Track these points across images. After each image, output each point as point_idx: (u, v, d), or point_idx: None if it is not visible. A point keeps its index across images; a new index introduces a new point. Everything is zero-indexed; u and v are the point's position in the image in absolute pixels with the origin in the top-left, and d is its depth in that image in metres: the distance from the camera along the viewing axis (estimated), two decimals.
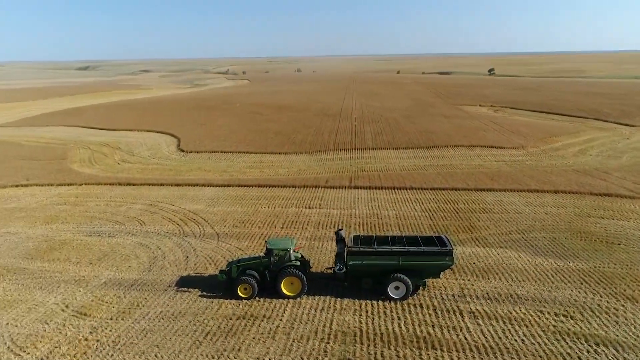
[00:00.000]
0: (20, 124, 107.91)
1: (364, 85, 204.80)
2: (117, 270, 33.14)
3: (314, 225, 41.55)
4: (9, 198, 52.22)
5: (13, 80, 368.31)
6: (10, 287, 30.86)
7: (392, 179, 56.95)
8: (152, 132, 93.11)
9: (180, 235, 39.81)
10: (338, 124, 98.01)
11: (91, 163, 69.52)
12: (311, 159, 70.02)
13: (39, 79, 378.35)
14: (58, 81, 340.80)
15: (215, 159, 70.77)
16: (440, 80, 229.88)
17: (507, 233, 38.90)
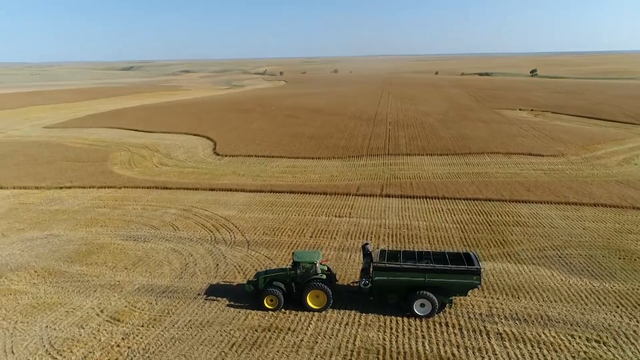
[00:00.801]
0: (67, 125, 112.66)
1: (400, 88, 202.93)
2: (150, 276, 34.27)
3: (342, 235, 41.65)
4: (54, 200, 54.72)
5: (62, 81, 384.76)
6: (51, 289, 32.43)
7: (425, 187, 56.32)
8: (190, 134, 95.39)
9: (211, 242, 40.73)
10: (372, 128, 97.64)
11: (130, 165, 71.88)
12: (344, 164, 70.08)
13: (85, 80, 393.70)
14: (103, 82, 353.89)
15: (250, 163, 71.87)
16: (479, 83, 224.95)
17: (540, 249, 37.85)
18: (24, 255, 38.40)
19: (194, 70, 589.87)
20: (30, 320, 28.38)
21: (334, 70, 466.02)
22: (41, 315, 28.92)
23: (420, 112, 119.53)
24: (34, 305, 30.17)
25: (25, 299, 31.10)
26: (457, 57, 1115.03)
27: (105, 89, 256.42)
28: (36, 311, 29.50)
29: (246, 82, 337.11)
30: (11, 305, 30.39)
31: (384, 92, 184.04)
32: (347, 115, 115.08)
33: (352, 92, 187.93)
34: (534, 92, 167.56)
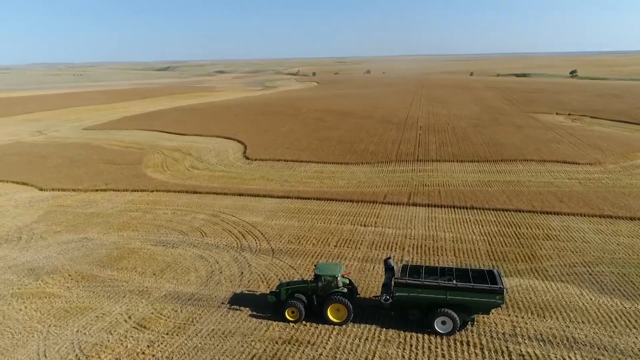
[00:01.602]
0: (104, 127, 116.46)
1: (433, 90, 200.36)
2: (177, 283, 35.17)
3: (367, 246, 41.61)
4: (89, 202, 56.76)
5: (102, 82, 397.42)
6: (83, 294, 33.74)
7: (453, 196, 55.55)
8: (221, 137, 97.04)
9: (237, 249, 41.41)
10: (402, 132, 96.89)
11: (163, 169, 73.74)
12: (372, 170, 69.87)
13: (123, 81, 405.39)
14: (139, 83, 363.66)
15: (278, 168, 72.58)
16: (514, 85, 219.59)
17: (570, 265, 36.81)
18: (59, 258, 40.05)
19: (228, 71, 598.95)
20: (62, 324, 29.63)
21: (366, 71, 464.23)
22: (73, 320, 30.14)
23: (452, 116, 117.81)
24: (67, 310, 31.46)
25: (59, 303, 32.46)
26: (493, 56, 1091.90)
27: (141, 90, 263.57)
28: (68, 315, 30.77)
29: (278, 82, 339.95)
30: (46, 308, 31.80)
31: (416, 94, 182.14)
32: (377, 119, 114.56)
33: (384, 94, 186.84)
34: (571, 95, 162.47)
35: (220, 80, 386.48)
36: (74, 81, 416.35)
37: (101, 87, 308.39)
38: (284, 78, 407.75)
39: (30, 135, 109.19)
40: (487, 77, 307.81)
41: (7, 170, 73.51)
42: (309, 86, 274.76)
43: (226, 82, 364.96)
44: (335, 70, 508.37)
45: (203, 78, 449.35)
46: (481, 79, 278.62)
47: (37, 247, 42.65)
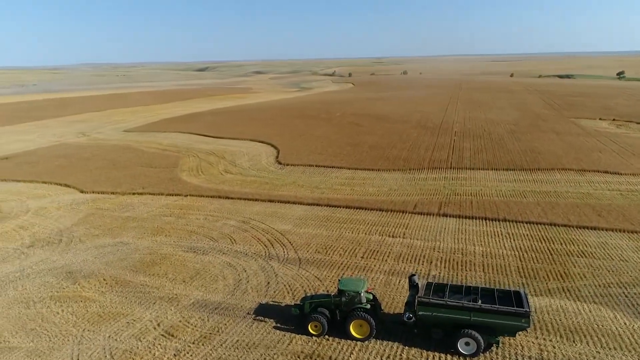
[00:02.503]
0: (144, 129, 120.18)
1: (471, 93, 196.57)
2: (205, 291, 36.05)
3: (394, 258, 41.39)
4: (126, 206, 58.79)
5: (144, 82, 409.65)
6: (116, 299, 35.08)
7: (485, 207, 54.47)
8: (255, 141, 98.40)
9: (265, 258, 42.02)
10: (436, 138, 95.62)
11: (198, 172, 75.49)
12: (403, 177, 69.32)
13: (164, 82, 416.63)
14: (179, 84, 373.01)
15: (310, 173, 73.02)
16: (556, 88, 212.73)
17: (605, 285, 35.50)
18: (95, 262, 41.73)
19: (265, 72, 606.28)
20: (95, 329, 30.93)
21: (403, 72, 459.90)
22: (105, 325, 31.41)
23: (489, 121, 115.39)
24: (100, 314, 32.81)
25: (94, 307, 33.88)
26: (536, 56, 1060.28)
27: (180, 91, 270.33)
28: (102, 320, 32.09)
29: (314, 84, 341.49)
30: (81, 312, 33.26)
31: (453, 97, 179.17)
32: (412, 124, 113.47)
33: (419, 97, 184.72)
34: (617, 99, 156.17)
35: (257, 82, 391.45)
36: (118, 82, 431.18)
37: (143, 88, 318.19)
38: (320, 79, 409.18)
39: (75, 136, 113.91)
40: (528, 79, 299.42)
41: (52, 172, 76.97)
42: (345, 88, 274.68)
43: (263, 83, 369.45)
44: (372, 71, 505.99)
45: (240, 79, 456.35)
46: (522, 81, 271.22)
47: (75, 251, 44.58)
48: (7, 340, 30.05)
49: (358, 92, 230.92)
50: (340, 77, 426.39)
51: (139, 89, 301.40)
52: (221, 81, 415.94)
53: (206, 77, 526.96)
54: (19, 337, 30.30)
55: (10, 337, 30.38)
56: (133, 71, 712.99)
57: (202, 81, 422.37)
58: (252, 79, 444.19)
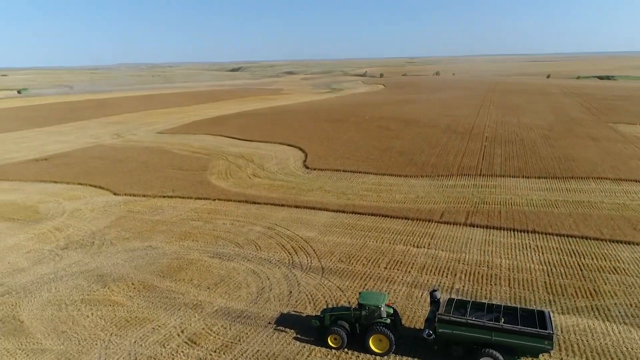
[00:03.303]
0: (176, 131, 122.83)
1: (504, 95, 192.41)
2: (228, 298, 36.67)
3: (417, 269, 41.05)
4: (156, 209, 60.29)
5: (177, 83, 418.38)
6: (143, 304, 36.09)
7: (514, 217, 53.33)
8: (284, 144, 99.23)
9: (288, 266, 42.38)
10: (466, 143, 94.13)
11: (226, 176, 76.67)
12: (431, 184, 68.57)
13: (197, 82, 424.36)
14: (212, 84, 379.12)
15: (337, 178, 73.14)
16: (596, 90, 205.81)
17: (637, 305, 34.22)
18: (125, 266, 43.02)
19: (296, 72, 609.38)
20: (122, 334, 31.93)
21: (435, 73, 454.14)
22: (132, 330, 32.38)
23: (522, 126, 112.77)
24: (127, 319, 33.83)
25: (121, 312, 34.96)
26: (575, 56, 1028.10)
27: (212, 92, 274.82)
28: (129, 325, 33.09)
29: (345, 84, 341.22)
30: (109, 316, 34.38)
31: (485, 99, 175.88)
32: (442, 128, 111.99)
33: (451, 99, 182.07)
34: None
35: (288, 82, 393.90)
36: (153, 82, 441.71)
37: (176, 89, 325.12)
38: (351, 80, 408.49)
39: (110, 137, 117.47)
40: (565, 80, 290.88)
41: (88, 173, 79.65)
42: (375, 89, 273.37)
43: (294, 83, 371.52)
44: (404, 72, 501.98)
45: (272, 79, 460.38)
46: (559, 83, 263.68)
47: (107, 254, 46.06)
48: (39, 342, 31.35)
49: (388, 94, 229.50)
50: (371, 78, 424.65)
51: (173, 90, 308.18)
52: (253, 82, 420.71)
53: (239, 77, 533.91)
54: (50, 340, 31.57)
55: (43, 339, 31.69)
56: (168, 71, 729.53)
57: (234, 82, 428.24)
58: (283, 80, 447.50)
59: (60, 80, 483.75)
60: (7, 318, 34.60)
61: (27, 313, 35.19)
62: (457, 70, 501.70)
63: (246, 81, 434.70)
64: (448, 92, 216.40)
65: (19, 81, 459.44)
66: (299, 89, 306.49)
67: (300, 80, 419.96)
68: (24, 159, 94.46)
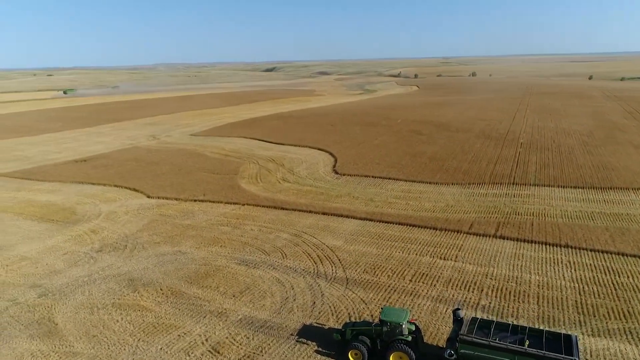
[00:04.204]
0: (209, 134, 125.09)
1: (542, 98, 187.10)
2: (253, 307, 37.19)
3: (443, 283, 40.51)
4: (187, 213, 61.64)
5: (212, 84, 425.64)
6: (170, 310, 37.04)
7: (547, 230, 51.85)
8: (314, 148, 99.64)
9: (313, 275, 42.59)
10: (500, 150, 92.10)
11: (256, 180, 77.61)
12: (462, 192, 67.44)
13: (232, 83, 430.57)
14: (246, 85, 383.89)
15: (365, 184, 72.92)
16: None
17: None
18: (155, 271, 44.22)
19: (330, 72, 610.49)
20: (149, 340, 32.89)
21: (471, 73, 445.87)
22: (159, 336, 33.31)
23: (559, 131, 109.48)
24: (155, 325, 34.81)
25: (149, 317, 35.99)
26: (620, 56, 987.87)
27: (246, 93, 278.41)
28: (156, 331, 34.04)
29: (379, 85, 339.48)
30: (138, 321, 35.45)
31: (522, 102, 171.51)
32: (475, 133, 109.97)
33: (486, 102, 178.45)
34: None
35: (321, 83, 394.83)
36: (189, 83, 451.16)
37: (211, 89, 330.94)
38: (385, 80, 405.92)
39: (146, 139, 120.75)
40: (608, 82, 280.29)
41: (123, 175, 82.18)
42: (409, 91, 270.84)
43: (327, 84, 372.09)
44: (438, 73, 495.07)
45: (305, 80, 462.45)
46: (601, 85, 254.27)
47: (138, 258, 47.47)
48: (71, 345, 32.66)
49: (422, 95, 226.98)
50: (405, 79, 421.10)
51: (208, 91, 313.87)
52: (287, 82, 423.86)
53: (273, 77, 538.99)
54: (82, 343, 32.83)
55: (75, 342, 32.99)
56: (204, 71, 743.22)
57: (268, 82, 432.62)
58: (316, 80, 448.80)
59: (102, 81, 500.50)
60: (43, 320, 36.17)
61: (61, 315, 36.69)
62: (494, 71, 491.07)
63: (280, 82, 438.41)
64: (483, 94, 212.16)
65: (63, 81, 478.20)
66: (332, 90, 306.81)
67: (333, 81, 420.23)
68: (65, 159, 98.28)
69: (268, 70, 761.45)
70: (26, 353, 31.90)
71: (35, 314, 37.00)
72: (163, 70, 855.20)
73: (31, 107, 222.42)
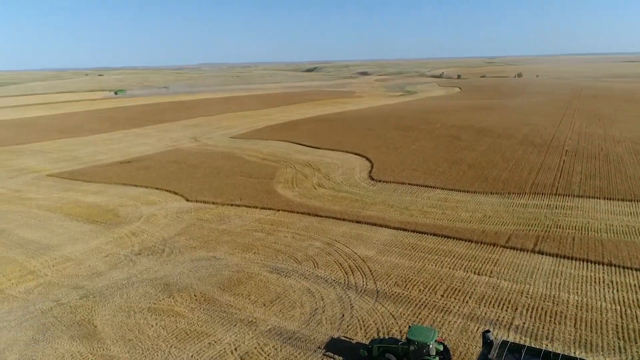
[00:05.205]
0: (248, 137, 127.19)
1: (590, 101, 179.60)
2: (282, 317, 37.63)
3: (476, 300, 39.63)
4: (223, 218, 62.95)
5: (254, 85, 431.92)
6: (202, 317, 38.00)
7: (589, 246, 49.81)
8: (351, 153, 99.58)
9: (344, 286, 42.63)
10: (543, 157, 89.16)
11: (292, 185, 78.28)
12: (500, 202, 65.76)
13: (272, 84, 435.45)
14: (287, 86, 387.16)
15: (401, 192, 72.24)
16: None
17: None
18: (190, 276, 45.44)
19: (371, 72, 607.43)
20: (181, 347, 33.87)
21: (517, 74, 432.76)
22: (190, 343, 34.26)
23: (608, 138, 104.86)
24: (187, 332, 35.81)
25: (182, 323, 37.06)
26: None
27: (286, 95, 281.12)
28: (188, 338, 35.02)
29: (420, 87, 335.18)
30: (171, 327, 36.57)
31: (570, 107, 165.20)
32: (518, 139, 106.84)
33: (531, 105, 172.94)
34: None
35: (361, 84, 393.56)
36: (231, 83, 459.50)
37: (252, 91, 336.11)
38: (427, 81, 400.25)
39: (188, 141, 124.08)
40: None
41: (164, 178, 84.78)
42: (450, 93, 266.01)
43: (367, 85, 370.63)
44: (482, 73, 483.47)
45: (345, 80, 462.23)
46: None
47: (174, 262, 48.91)
48: (108, 348, 34.07)
49: (464, 98, 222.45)
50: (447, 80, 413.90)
51: (249, 92, 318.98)
52: (326, 83, 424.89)
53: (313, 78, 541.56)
54: (118, 347, 34.19)
55: (111, 345, 34.40)
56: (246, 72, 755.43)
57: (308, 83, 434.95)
58: (356, 81, 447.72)
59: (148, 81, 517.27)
60: (83, 321, 37.90)
61: (100, 318, 38.31)
62: (542, 71, 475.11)
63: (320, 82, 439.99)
64: (528, 97, 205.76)
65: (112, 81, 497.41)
66: (372, 91, 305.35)
67: (373, 82, 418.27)
68: (110, 161, 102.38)
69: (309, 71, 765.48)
70: (67, 354, 33.52)
71: (77, 316, 38.80)
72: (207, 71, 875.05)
73: (83, 108, 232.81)
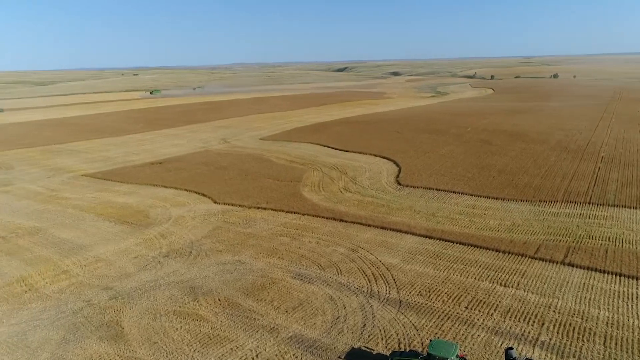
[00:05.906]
0: (277, 138, 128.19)
1: (630, 105, 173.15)
2: (304, 325, 37.82)
3: (501, 313, 38.86)
4: (249, 221, 63.68)
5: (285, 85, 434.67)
6: (226, 322, 38.58)
7: (622, 259, 48.13)
8: (378, 157, 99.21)
9: (366, 295, 42.50)
10: (577, 164, 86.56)
11: (318, 189, 78.50)
12: (531, 210, 64.23)
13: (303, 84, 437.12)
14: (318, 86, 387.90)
15: (428, 198, 71.47)
16: None
17: None
18: (215, 280, 46.20)
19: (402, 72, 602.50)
20: (204, 351, 34.50)
21: (553, 75, 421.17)
22: (213, 348, 34.86)
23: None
24: (210, 336, 36.44)
25: (206, 327, 37.72)
26: None
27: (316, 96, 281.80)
28: (211, 342, 35.64)
29: (451, 87, 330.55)
30: (195, 331, 37.29)
31: (608, 110, 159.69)
32: (551, 144, 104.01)
33: (567, 108, 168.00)
34: None
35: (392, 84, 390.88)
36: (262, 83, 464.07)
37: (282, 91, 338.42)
38: (459, 82, 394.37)
39: (217, 143, 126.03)
40: None
41: (193, 179, 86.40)
42: (483, 94, 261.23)
43: (398, 86, 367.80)
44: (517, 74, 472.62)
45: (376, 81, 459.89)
46: None
47: (200, 265, 49.81)
48: (134, 350, 35.01)
49: (496, 100, 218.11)
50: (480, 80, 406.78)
51: (279, 92, 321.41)
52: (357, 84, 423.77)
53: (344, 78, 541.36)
54: (144, 349, 35.10)
55: (137, 347, 35.33)
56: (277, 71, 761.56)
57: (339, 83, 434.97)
58: (387, 82, 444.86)
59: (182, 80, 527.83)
60: (111, 323, 39.06)
61: (127, 319, 39.40)
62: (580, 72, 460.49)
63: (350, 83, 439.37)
64: (564, 101, 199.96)
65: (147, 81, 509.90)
66: (402, 92, 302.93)
67: (404, 82, 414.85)
68: (142, 161, 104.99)
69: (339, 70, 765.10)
70: (95, 355, 34.62)
71: (106, 317, 40.01)
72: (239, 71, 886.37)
73: (119, 108, 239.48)
